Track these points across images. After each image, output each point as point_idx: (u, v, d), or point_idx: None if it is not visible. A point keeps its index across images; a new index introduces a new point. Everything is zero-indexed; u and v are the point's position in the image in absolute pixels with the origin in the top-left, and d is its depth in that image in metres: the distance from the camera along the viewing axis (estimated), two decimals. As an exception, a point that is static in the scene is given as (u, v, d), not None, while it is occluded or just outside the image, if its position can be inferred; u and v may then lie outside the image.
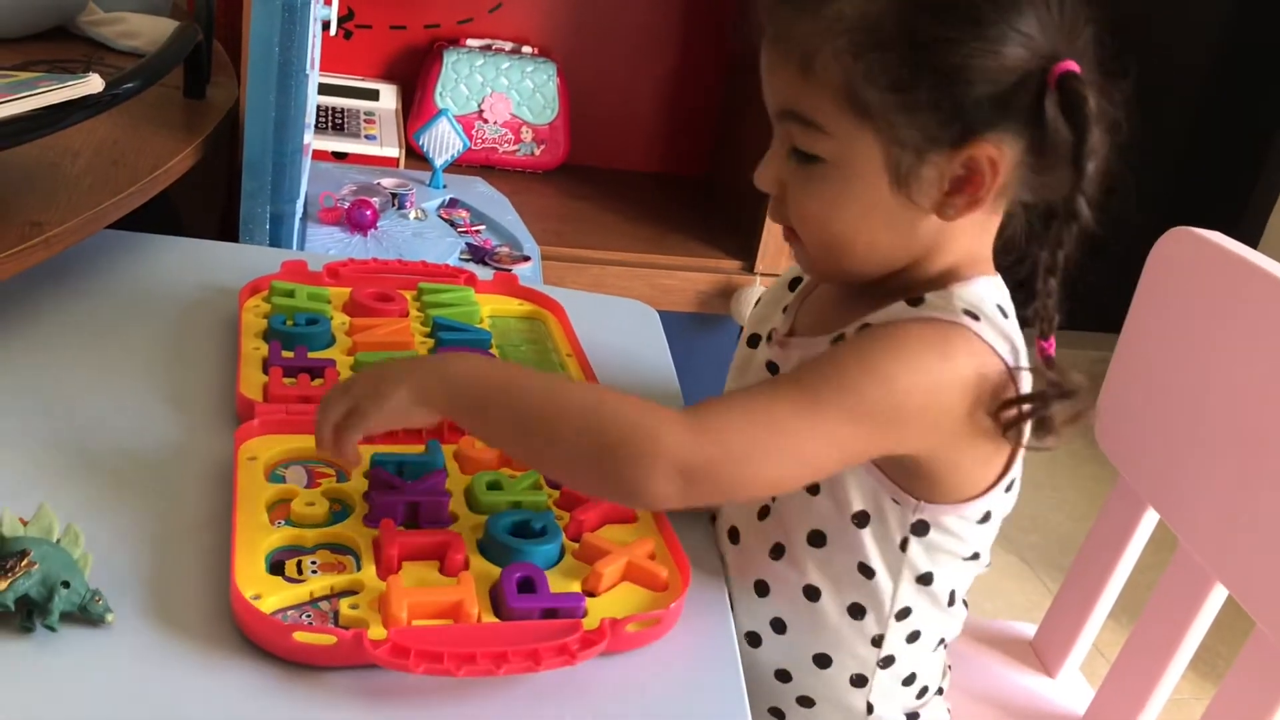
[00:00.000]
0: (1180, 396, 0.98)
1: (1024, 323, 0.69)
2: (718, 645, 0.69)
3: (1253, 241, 0.97)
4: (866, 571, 0.72)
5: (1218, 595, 0.94)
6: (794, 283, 0.82)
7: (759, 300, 0.86)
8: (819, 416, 0.64)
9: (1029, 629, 1.15)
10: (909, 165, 0.66)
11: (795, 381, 0.66)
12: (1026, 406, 0.66)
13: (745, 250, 1.83)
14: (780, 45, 0.67)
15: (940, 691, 0.81)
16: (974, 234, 0.70)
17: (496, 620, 0.65)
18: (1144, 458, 1.02)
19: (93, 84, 0.86)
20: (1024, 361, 0.68)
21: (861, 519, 0.71)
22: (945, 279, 0.70)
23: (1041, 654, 1.12)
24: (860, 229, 0.69)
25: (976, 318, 0.67)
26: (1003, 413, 0.66)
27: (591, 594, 0.68)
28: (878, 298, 0.70)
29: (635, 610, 0.67)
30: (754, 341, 0.82)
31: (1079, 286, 0.68)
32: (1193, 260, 0.98)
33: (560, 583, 0.68)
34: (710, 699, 0.66)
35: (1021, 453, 0.70)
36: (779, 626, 0.76)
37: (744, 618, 0.76)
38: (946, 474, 0.69)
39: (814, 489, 0.72)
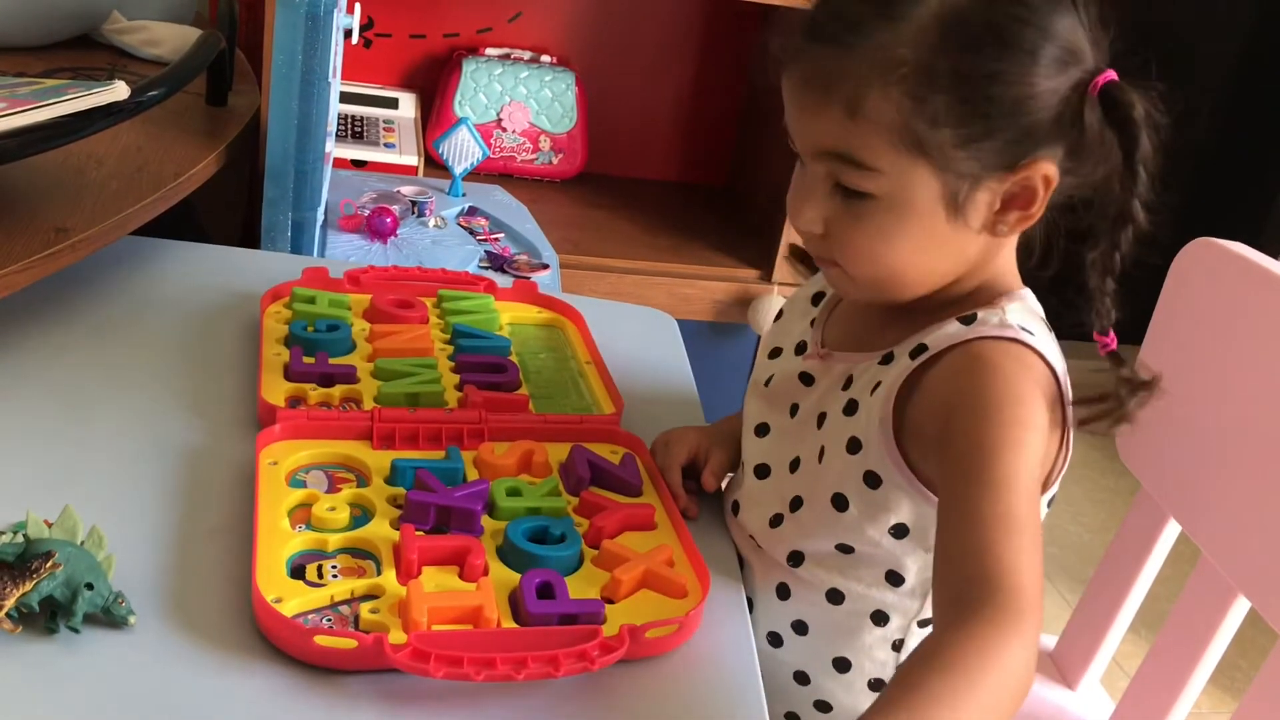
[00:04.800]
0: (1202, 407, 0.97)
1: (1077, 325, 0.70)
2: (737, 652, 0.69)
3: (1275, 252, 0.96)
4: (895, 579, 0.72)
5: (1240, 608, 0.93)
6: (816, 297, 0.82)
7: (780, 314, 0.86)
8: (1020, 490, 0.62)
9: (1049, 641, 1.14)
10: (966, 193, 0.66)
11: (986, 475, 0.62)
12: (1102, 406, 0.67)
13: (763, 259, 1.83)
14: (817, 86, 0.66)
15: None
16: (1008, 244, 0.72)
17: (516, 626, 0.65)
18: (1166, 469, 1.01)
19: (118, 91, 0.87)
20: (1063, 369, 0.69)
21: (899, 530, 0.71)
22: (984, 291, 0.71)
23: (1061, 666, 1.11)
24: (914, 259, 0.69)
25: (1031, 331, 0.68)
26: (1077, 414, 0.67)
27: (611, 600, 0.68)
28: (918, 313, 0.71)
29: (654, 617, 0.67)
30: (776, 354, 0.81)
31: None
32: (1215, 271, 0.98)
33: (580, 589, 0.68)
34: (729, 707, 0.65)
35: (1064, 468, 0.71)
36: (800, 628, 0.76)
37: (765, 619, 0.76)
38: None
39: (843, 506, 0.71)
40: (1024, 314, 0.70)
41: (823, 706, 0.77)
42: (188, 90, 1.08)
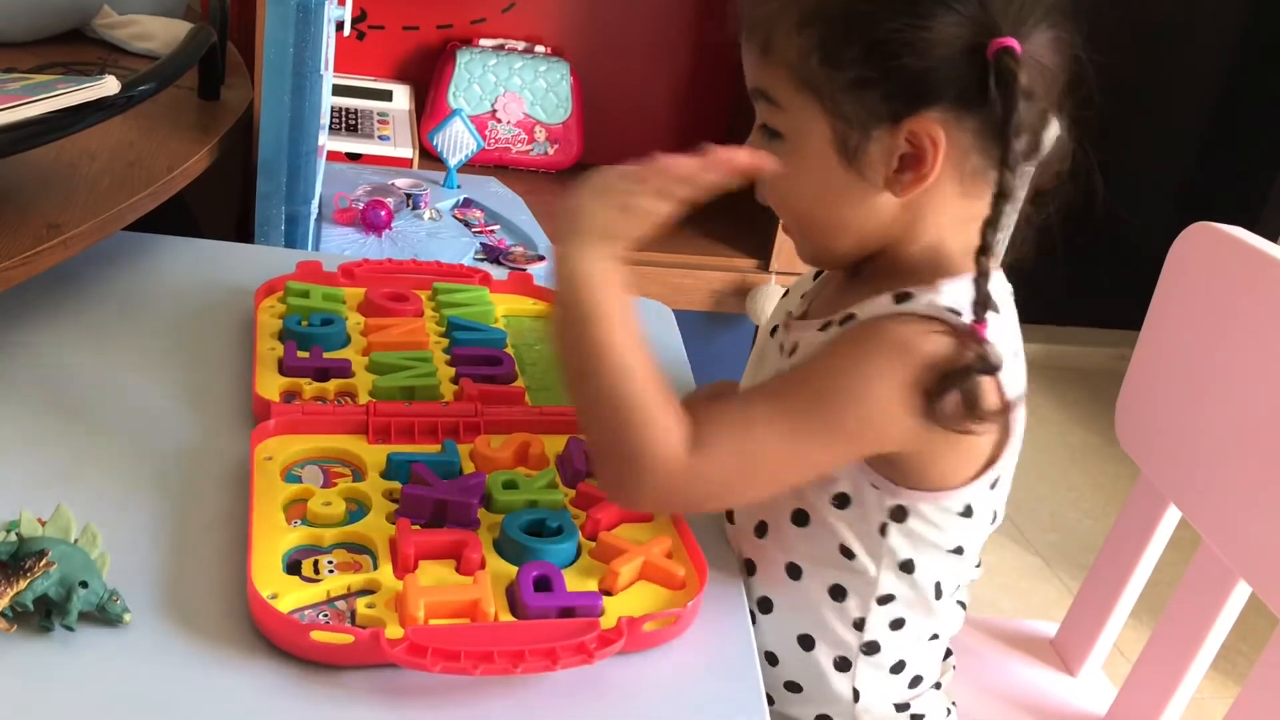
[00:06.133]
0: (1202, 392, 0.97)
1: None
2: (735, 644, 0.69)
3: (1273, 236, 0.96)
4: (847, 553, 0.73)
5: (1240, 593, 0.93)
6: (819, 273, 0.83)
7: (786, 292, 0.87)
8: (800, 445, 0.66)
9: (1050, 628, 1.14)
10: (856, 141, 0.68)
11: (776, 406, 0.67)
12: (953, 381, 0.64)
13: (761, 249, 1.83)
14: (746, 29, 0.71)
15: (938, 686, 0.80)
16: (953, 217, 0.70)
17: (513, 619, 0.65)
18: (1165, 454, 1.01)
19: (109, 86, 0.87)
20: (1014, 361, 0.68)
21: (841, 500, 0.72)
22: (934, 269, 0.70)
23: (1063, 653, 1.11)
24: (820, 205, 0.71)
25: (959, 314, 0.67)
26: (940, 392, 0.65)
27: (608, 593, 0.68)
28: (863, 283, 0.72)
29: (652, 609, 0.67)
30: (774, 331, 0.82)
31: (1099, 283, 0.67)
32: (1213, 255, 0.97)
33: (577, 582, 0.68)
34: (728, 697, 0.65)
35: (1012, 451, 0.70)
36: (765, 605, 0.76)
37: None
38: (927, 466, 0.69)
39: None
40: (960, 295, 0.67)
41: (793, 687, 0.77)
42: (179, 85, 1.08)
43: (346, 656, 0.61)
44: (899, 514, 0.71)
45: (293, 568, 0.66)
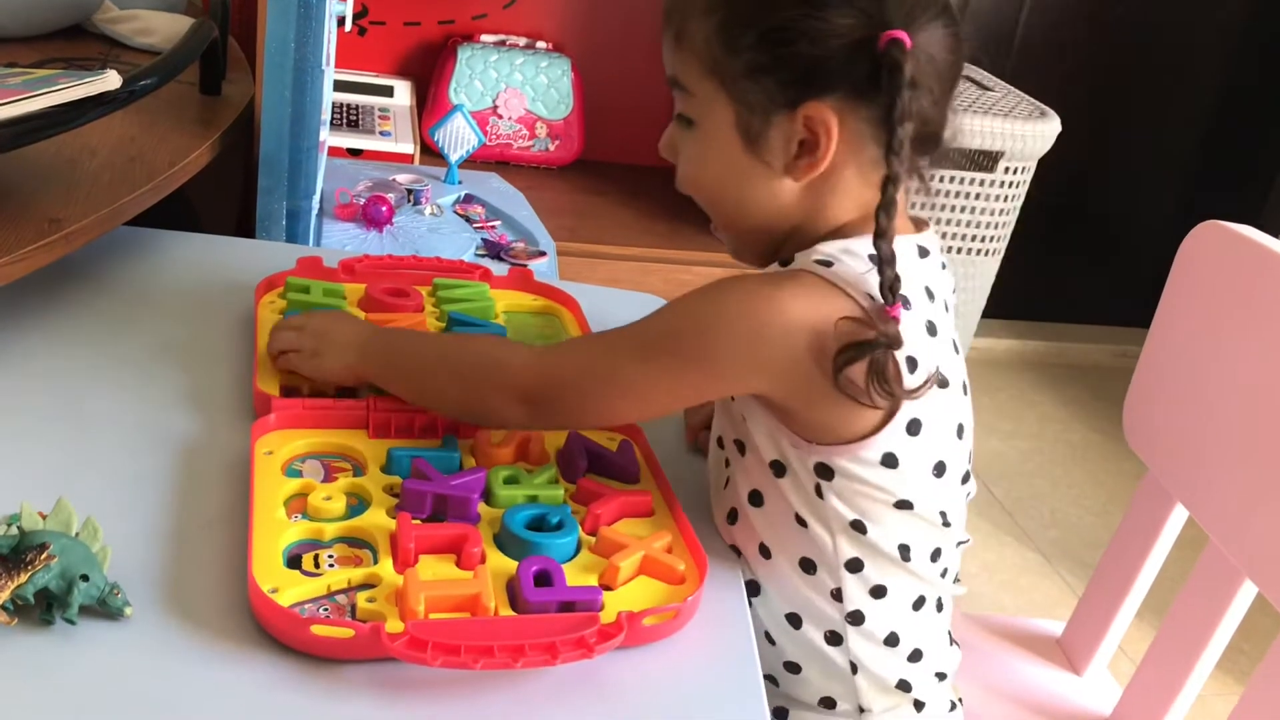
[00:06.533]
0: (1210, 391, 0.97)
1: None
2: (735, 637, 0.69)
3: (1275, 234, 0.96)
4: (800, 522, 0.74)
5: (1246, 593, 0.93)
6: None
7: None
8: (647, 362, 0.72)
9: (1057, 627, 1.14)
10: (757, 127, 0.71)
11: (633, 328, 0.73)
12: (852, 353, 0.66)
13: (761, 245, 1.83)
14: (665, 17, 0.74)
15: (943, 676, 0.80)
16: (852, 199, 0.73)
17: (513, 614, 0.65)
18: (1173, 453, 1.00)
19: (110, 80, 0.87)
20: (866, 295, 0.69)
21: (778, 469, 0.74)
22: (816, 237, 0.73)
23: (1069, 652, 1.11)
24: (724, 187, 0.75)
25: (830, 264, 0.69)
26: (838, 358, 0.67)
27: (608, 588, 0.68)
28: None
29: (652, 603, 0.67)
30: None
31: (1100, 281, 0.68)
32: (1222, 254, 0.97)
33: (577, 576, 0.68)
34: (728, 691, 0.65)
35: (931, 397, 0.70)
36: (754, 589, 0.77)
37: None
38: (812, 415, 0.71)
39: (742, 448, 0.76)
40: (836, 249, 0.71)
41: (792, 668, 0.78)
42: (181, 79, 1.08)
43: (347, 651, 0.61)
44: (824, 472, 0.72)
45: (293, 562, 0.66)
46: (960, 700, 0.83)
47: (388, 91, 1.85)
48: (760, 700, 0.65)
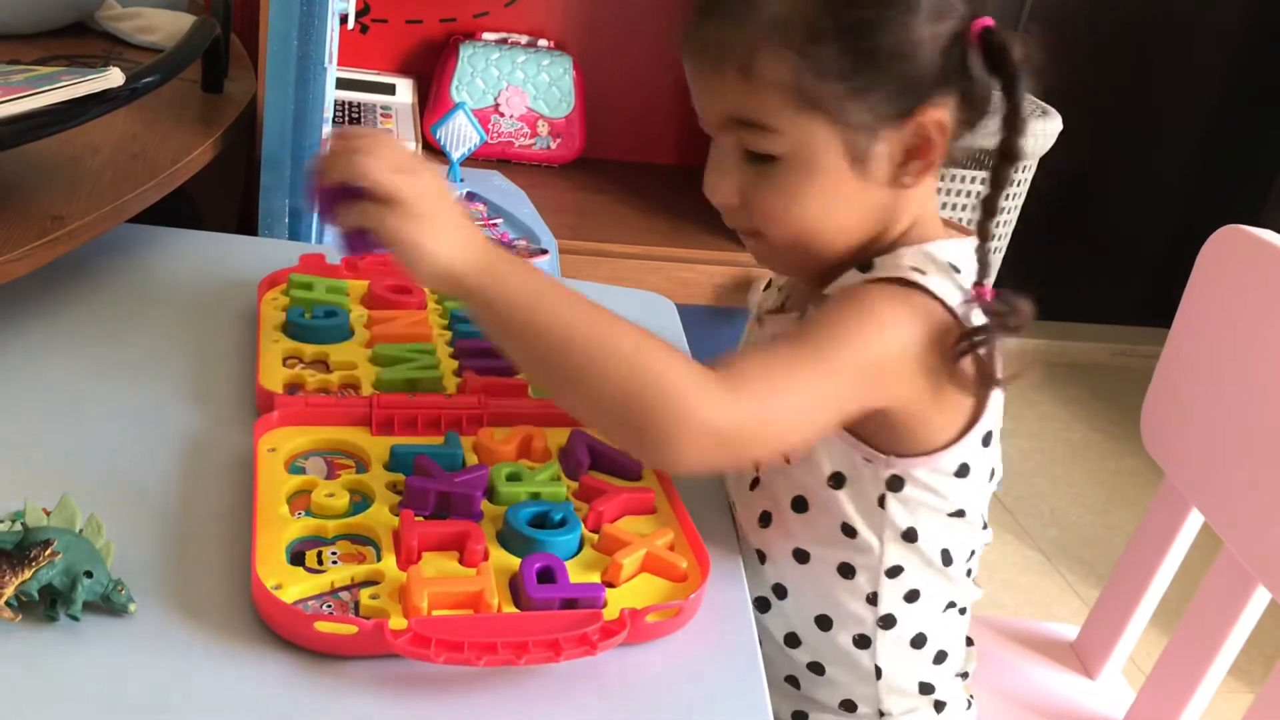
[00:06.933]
0: (1228, 396, 0.96)
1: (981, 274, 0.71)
2: (737, 635, 0.69)
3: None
4: (849, 531, 0.74)
5: (1260, 598, 0.93)
6: None
7: (769, 283, 0.89)
8: (822, 374, 0.66)
9: (1071, 631, 1.14)
10: (864, 145, 0.69)
11: (799, 341, 0.67)
12: (975, 339, 0.67)
13: (762, 243, 1.83)
14: (712, 57, 0.69)
15: (965, 675, 0.81)
16: (919, 198, 0.73)
17: (516, 611, 0.65)
18: (1189, 458, 1.00)
19: (113, 78, 0.87)
20: (961, 306, 0.69)
21: (837, 480, 0.73)
22: (897, 245, 0.73)
23: (1083, 656, 1.11)
24: (826, 215, 0.71)
25: (924, 272, 0.69)
26: (954, 350, 0.67)
27: (611, 585, 0.68)
28: (838, 269, 0.73)
29: (655, 600, 0.67)
30: (761, 321, 0.85)
31: (1100, 280, 0.68)
32: (1243, 258, 0.96)
33: (580, 574, 0.68)
34: (731, 689, 0.65)
35: (995, 404, 0.72)
36: (780, 591, 0.77)
37: (751, 585, 0.77)
38: (917, 425, 0.70)
39: (788, 460, 0.75)
40: (921, 258, 0.70)
41: (816, 669, 0.78)
42: (183, 77, 1.08)
43: (350, 647, 0.61)
44: (895, 483, 0.72)
45: (296, 559, 0.66)
46: (972, 698, 0.83)
47: (389, 89, 1.85)
48: (763, 697, 0.65)
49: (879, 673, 0.76)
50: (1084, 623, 1.12)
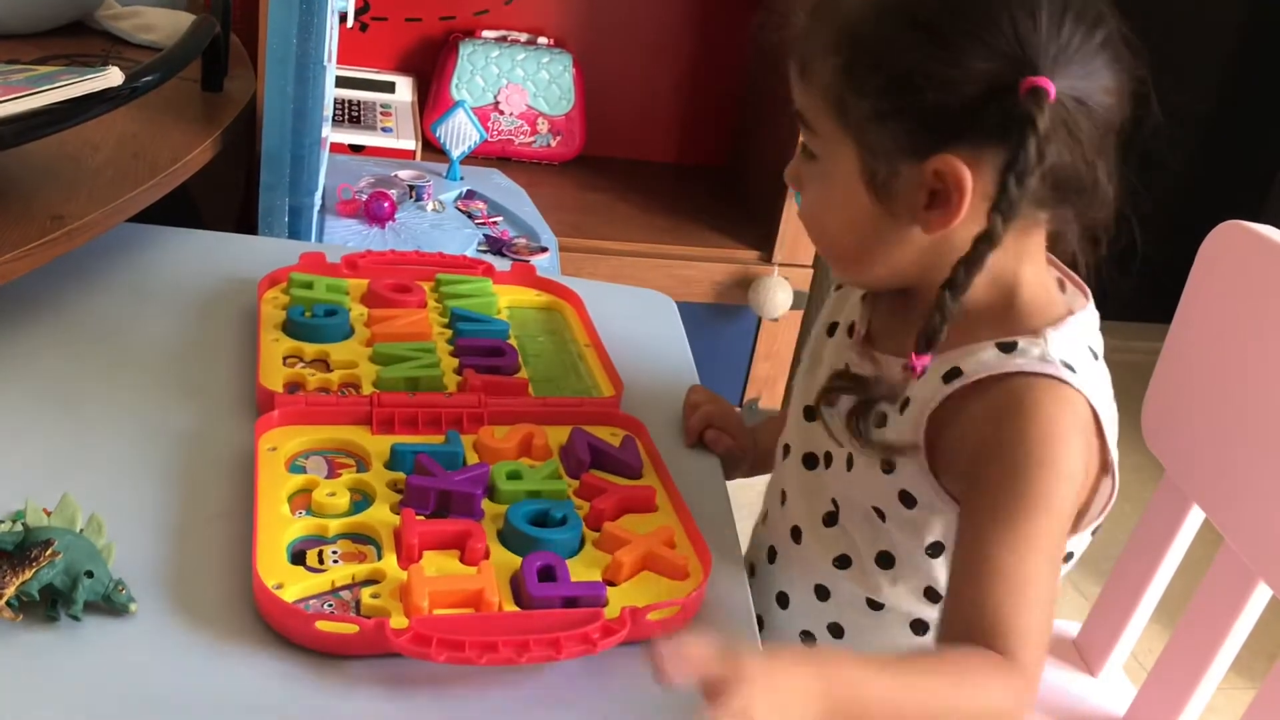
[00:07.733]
0: (1229, 393, 0.96)
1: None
2: (739, 632, 0.69)
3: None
4: (933, 595, 0.73)
5: (1261, 595, 0.93)
6: None
7: (838, 285, 0.84)
8: (1045, 560, 0.63)
9: (1073, 627, 1.13)
10: (884, 175, 0.66)
11: (1018, 542, 0.62)
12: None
13: (763, 240, 1.83)
14: (790, 48, 0.70)
15: None
16: (1007, 250, 0.65)
17: (517, 609, 0.65)
18: (1190, 455, 1.00)
19: (112, 77, 0.87)
20: (1108, 405, 0.68)
21: (936, 549, 0.72)
22: (1016, 311, 0.68)
23: (1084, 652, 1.10)
24: (848, 232, 0.70)
25: (1073, 369, 0.66)
26: (1102, 450, 0.67)
27: (612, 583, 0.68)
28: (960, 331, 0.66)
29: (656, 599, 0.67)
30: (832, 330, 0.80)
31: (1100, 279, 0.67)
32: (1244, 255, 0.96)
33: (581, 572, 0.68)
34: (731, 687, 0.65)
35: (1113, 499, 0.71)
36: (836, 631, 0.77)
37: (800, 618, 0.76)
38: (1077, 520, 0.69)
39: (881, 515, 0.72)
40: (1067, 345, 0.67)
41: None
42: (183, 76, 1.07)
43: (351, 646, 0.61)
44: None
45: (297, 558, 0.66)
46: None
47: (389, 88, 1.85)
48: (764, 695, 0.65)
49: None
50: (1085, 619, 1.12)
